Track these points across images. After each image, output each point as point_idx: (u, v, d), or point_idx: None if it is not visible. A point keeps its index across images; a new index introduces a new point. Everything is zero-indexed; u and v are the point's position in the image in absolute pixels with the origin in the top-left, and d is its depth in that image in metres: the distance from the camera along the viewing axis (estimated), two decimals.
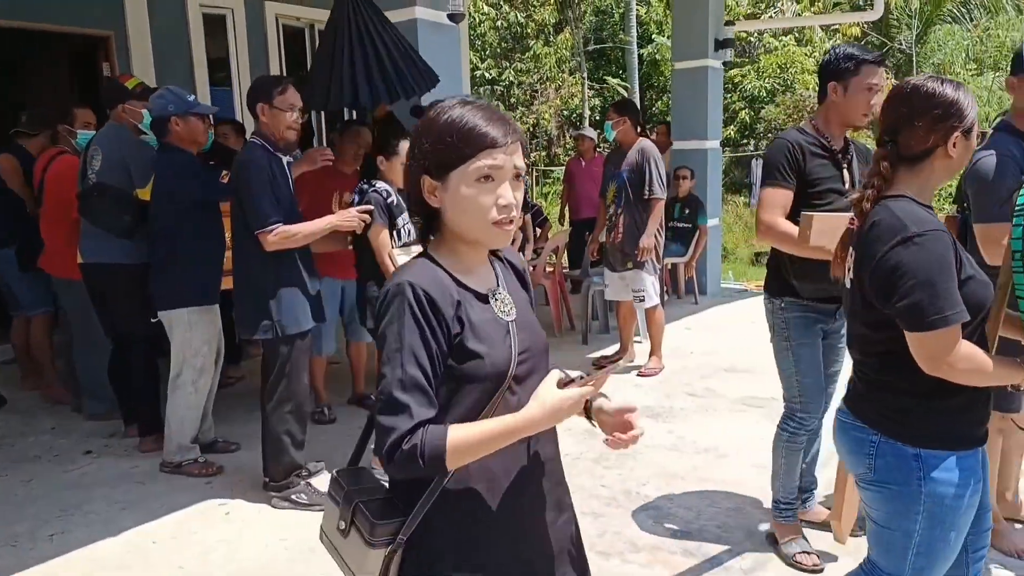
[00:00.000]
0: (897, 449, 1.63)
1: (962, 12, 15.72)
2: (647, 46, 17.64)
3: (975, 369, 1.54)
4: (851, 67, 2.48)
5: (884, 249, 1.55)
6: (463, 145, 1.20)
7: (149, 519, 3.13)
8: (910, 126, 1.62)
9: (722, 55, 7.23)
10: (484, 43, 18.05)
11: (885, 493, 1.66)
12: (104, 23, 6.06)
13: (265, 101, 3.11)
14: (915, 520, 1.62)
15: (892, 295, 1.54)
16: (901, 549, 1.66)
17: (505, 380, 1.26)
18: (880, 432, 1.66)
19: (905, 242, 1.52)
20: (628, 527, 3.02)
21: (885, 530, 1.69)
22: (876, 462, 1.66)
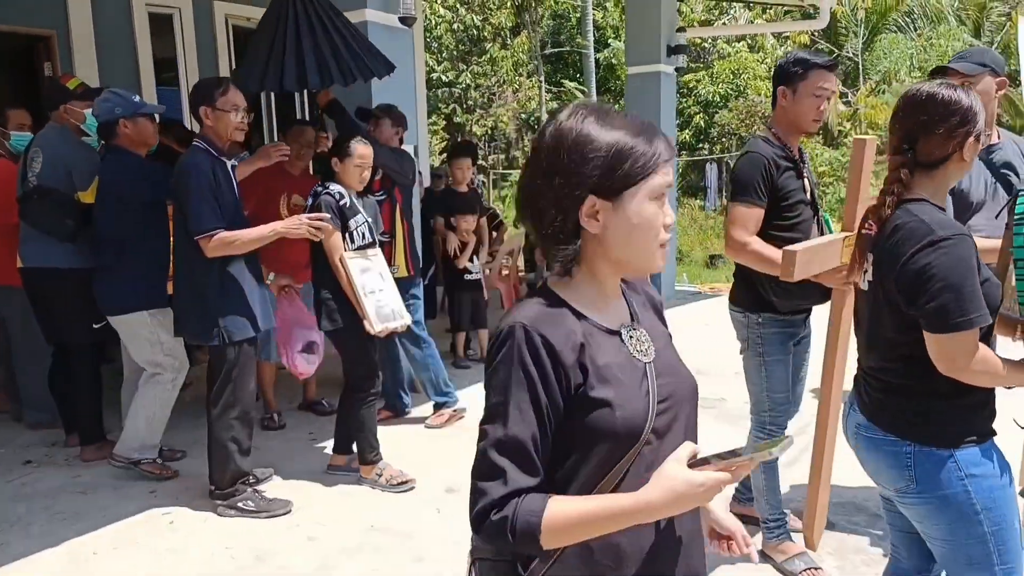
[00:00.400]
0: (933, 455, 1.63)
1: (906, 22, 16.24)
2: (604, 50, 17.83)
3: (989, 372, 1.57)
4: (799, 71, 2.47)
5: (910, 252, 1.57)
6: (642, 161, 1.06)
7: (91, 529, 3.06)
8: (930, 134, 1.63)
9: (674, 61, 7.34)
10: (441, 46, 18.03)
11: (935, 503, 1.64)
12: (45, 22, 5.90)
13: (208, 104, 3.05)
14: (980, 523, 1.61)
15: (919, 297, 1.55)
16: (982, 556, 1.64)
17: (641, 434, 1.07)
18: (913, 440, 1.65)
19: (933, 245, 1.54)
20: None
21: (954, 544, 1.66)
22: (916, 472, 1.64)
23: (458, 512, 3.19)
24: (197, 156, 3.05)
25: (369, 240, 3.43)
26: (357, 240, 3.37)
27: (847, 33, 15.79)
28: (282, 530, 3.06)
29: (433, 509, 3.23)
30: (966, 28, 16.46)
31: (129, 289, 3.36)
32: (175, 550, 2.91)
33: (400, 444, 3.93)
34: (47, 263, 3.62)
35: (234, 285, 3.10)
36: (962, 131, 1.63)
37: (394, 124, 4.07)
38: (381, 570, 2.76)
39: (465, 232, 5.31)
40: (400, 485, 3.40)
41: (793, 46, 15.21)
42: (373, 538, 2.99)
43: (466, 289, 5.29)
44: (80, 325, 3.62)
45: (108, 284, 3.39)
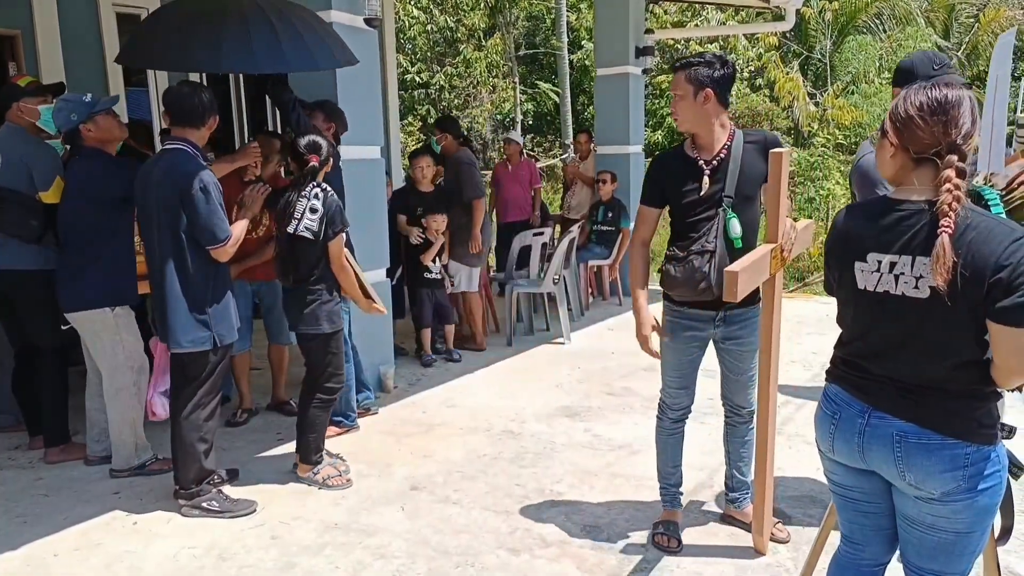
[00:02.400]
0: (983, 453, 1.65)
1: (875, 23, 16.47)
2: (577, 52, 17.90)
3: None
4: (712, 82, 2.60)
5: (1000, 249, 1.55)
6: None
7: (52, 532, 3.05)
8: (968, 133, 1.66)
9: (643, 62, 7.41)
10: (415, 47, 18.01)
11: (976, 499, 1.66)
12: (10, 21, 5.83)
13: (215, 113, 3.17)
14: (991, 516, 1.68)
15: (1014, 291, 1.54)
16: (978, 547, 1.70)
17: None
18: (975, 443, 1.66)
19: (1017, 241, 1.55)
20: (539, 524, 3.09)
21: (966, 535, 1.70)
22: (968, 471, 1.65)
23: (422, 510, 3.23)
24: (196, 165, 3.05)
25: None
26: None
27: (817, 35, 15.98)
28: (246, 530, 3.07)
29: (397, 507, 3.25)
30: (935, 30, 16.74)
31: (94, 286, 3.37)
32: (137, 551, 2.91)
33: (364, 442, 3.96)
34: (14, 265, 3.60)
35: (222, 290, 3.17)
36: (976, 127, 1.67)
37: (326, 120, 3.96)
38: (344, 568, 2.78)
39: (435, 232, 5.33)
40: (336, 486, 3.42)
41: (764, 47, 15.37)
42: (336, 536, 3.01)
43: (427, 286, 5.34)
44: (47, 328, 3.60)
45: (72, 282, 3.37)
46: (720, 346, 2.81)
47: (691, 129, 2.66)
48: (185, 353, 3.10)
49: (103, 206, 3.36)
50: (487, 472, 3.60)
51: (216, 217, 3.03)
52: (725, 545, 2.90)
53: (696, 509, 3.19)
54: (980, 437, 1.66)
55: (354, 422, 4.11)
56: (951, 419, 1.67)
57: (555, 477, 3.53)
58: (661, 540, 2.88)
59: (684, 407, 2.90)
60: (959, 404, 1.67)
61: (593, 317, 6.80)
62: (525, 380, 5.03)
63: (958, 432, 1.66)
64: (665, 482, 2.98)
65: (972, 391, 1.67)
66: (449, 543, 2.95)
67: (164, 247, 3.05)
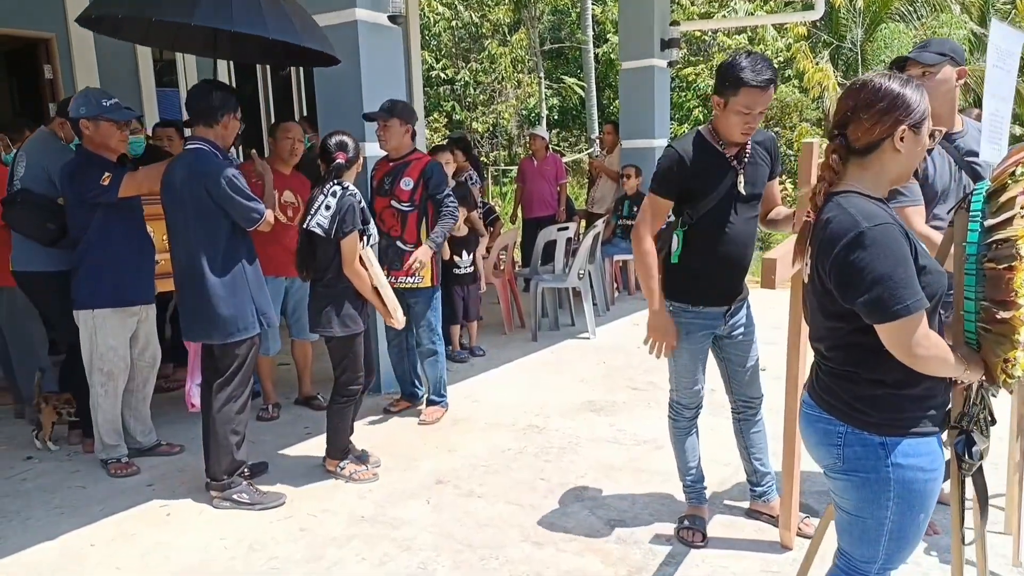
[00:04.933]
0: (863, 439, 1.68)
1: (909, 11, 16.15)
2: (603, 45, 17.81)
3: (942, 357, 1.60)
4: (731, 87, 2.47)
5: (839, 246, 1.59)
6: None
7: (88, 523, 3.13)
8: (857, 119, 1.66)
9: (668, 55, 7.37)
10: (440, 43, 18.05)
11: (855, 481, 1.71)
12: (45, 25, 5.98)
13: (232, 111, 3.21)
14: (886, 506, 1.68)
15: (853, 291, 1.59)
16: (874, 536, 1.72)
17: None
18: (847, 423, 1.70)
19: (858, 238, 1.57)
20: (563, 518, 3.10)
21: (857, 518, 1.74)
22: (845, 452, 1.71)
23: (446, 503, 3.26)
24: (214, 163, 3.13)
25: (375, 242, 3.52)
26: (369, 241, 3.41)
27: (848, 23, 15.71)
28: (275, 522, 3.13)
29: (423, 500, 3.29)
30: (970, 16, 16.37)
31: (77, 287, 3.43)
32: (170, 542, 2.98)
33: (391, 437, 4.00)
34: (31, 267, 3.71)
35: (257, 284, 3.27)
36: (889, 118, 1.63)
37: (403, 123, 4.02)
38: (370, 559, 2.82)
39: (458, 226, 5.35)
40: (363, 479, 3.47)
41: (793, 38, 15.14)
42: (363, 529, 3.05)
43: (457, 282, 5.35)
44: (67, 325, 3.63)
45: (72, 281, 3.46)
46: (725, 341, 2.82)
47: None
48: (217, 346, 3.17)
49: (82, 208, 3.37)
50: (511, 466, 3.62)
51: (249, 200, 3.15)
52: (751, 539, 2.89)
53: (721, 504, 3.18)
54: (854, 420, 1.70)
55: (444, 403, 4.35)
56: (825, 395, 1.76)
57: (579, 472, 3.54)
58: (686, 535, 2.88)
59: (699, 404, 2.92)
60: (834, 382, 1.74)
61: (618, 312, 6.79)
62: (549, 375, 5.04)
63: (830, 408, 1.75)
64: (688, 479, 2.97)
65: (846, 373, 1.72)
66: (474, 536, 2.97)
67: (192, 245, 3.12)
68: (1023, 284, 1.57)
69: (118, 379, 3.54)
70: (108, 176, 3.32)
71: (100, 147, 3.40)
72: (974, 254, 1.66)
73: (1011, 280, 1.58)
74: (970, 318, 1.69)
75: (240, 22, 3.13)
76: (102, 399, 3.53)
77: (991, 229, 1.63)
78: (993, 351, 1.65)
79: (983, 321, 1.66)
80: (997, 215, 1.63)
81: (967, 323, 1.70)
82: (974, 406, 1.77)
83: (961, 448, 1.77)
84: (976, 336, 1.69)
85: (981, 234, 1.65)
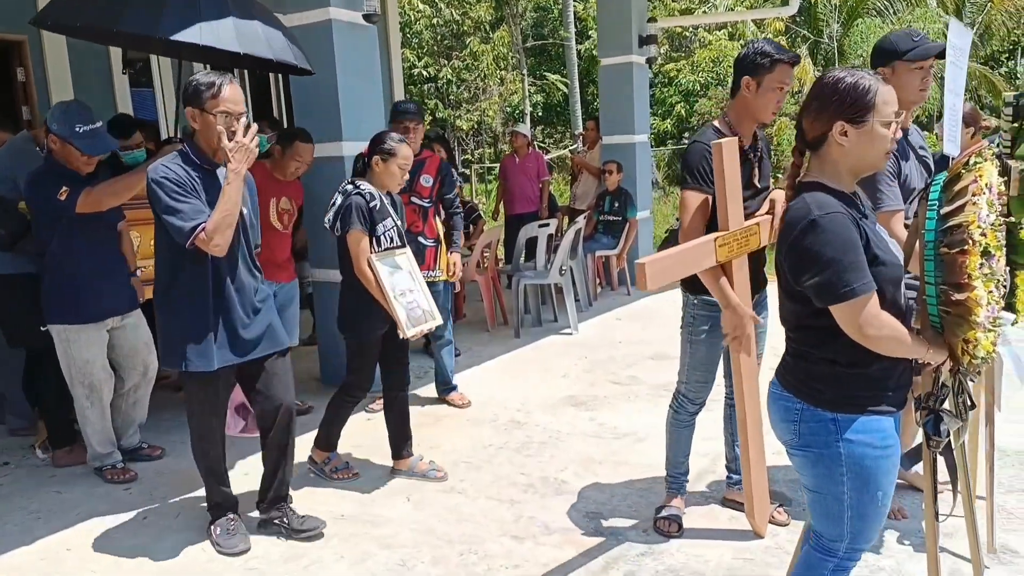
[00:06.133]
0: (817, 415, 1.76)
1: (885, 5, 16.30)
2: (585, 42, 17.86)
3: (895, 338, 1.66)
4: (766, 64, 2.52)
5: (793, 234, 1.68)
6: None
7: (65, 527, 3.11)
8: (806, 112, 1.75)
9: (646, 51, 7.40)
10: (421, 41, 18.02)
11: (810, 457, 1.79)
12: (17, 26, 5.90)
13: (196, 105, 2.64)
14: (841, 482, 1.75)
15: (804, 274, 1.67)
16: (837, 513, 1.79)
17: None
18: (803, 400, 1.78)
19: (810, 225, 1.65)
20: (543, 512, 3.12)
21: (818, 495, 1.82)
22: (800, 427, 1.79)
23: (428, 500, 3.26)
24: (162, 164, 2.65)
25: (397, 243, 3.35)
26: (384, 243, 3.29)
27: (826, 19, 15.84)
28: (253, 527, 3.11)
29: (404, 497, 3.29)
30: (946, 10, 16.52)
31: (44, 301, 3.35)
32: (147, 545, 2.96)
33: (373, 435, 4.00)
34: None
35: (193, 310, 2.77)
36: (824, 113, 1.71)
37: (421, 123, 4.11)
38: (349, 557, 2.82)
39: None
40: (344, 478, 3.46)
41: (772, 33, 15.24)
42: (343, 527, 3.05)
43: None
44: (30, 329, 3.57)
45: (42, 294, 3.36)
46: None
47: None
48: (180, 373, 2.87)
49: (44, 218, 3.26)
50: (492, 462, 3.63)
51: (173, 211, 2.57)
52: (725, 528, 2.92)
53: (698, 493, 3.21)
54: (809, 397, 1.78)
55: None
56: (786, 373, 1.85)
57: (560, 466, 3.56)
58: (663, 524, 2.90)
59: (703, 402, 2.92)
60: (793, 361, 1.83)
61: (601, 307, 6.81)
62: (532, 371, 5.06)
63: (788, 385, 1.83)
64: (675, 471, 3.00)
65: (803, 352, 1.80)
66: (454, 532, 2.98)
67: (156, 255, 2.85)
68: (976, 267, 1.63)
69: (102, 390, 3.46)
70: (66, 191, 3.17)
71: (65, 163, 3.26)
72: (932, 240, 1.73)
73: (964, 263, 1.64)
74: (932, 302, 1.76)
75: (207, 36, 3.08)
76: (88, 411, 3.47)
77: (946, 216, 1.69)
78: (953, 332, 1.71)
79: (943, 304, 1.72)
80: (952, 203, 1.68)
81: (930, 307, 1.77)
82: (943, 387, 1.81)
83: (931, 427, 1.83)
84: (939, 319, 1.75)
85: (937, 221, 1.71)
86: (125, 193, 3.29)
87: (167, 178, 2.59)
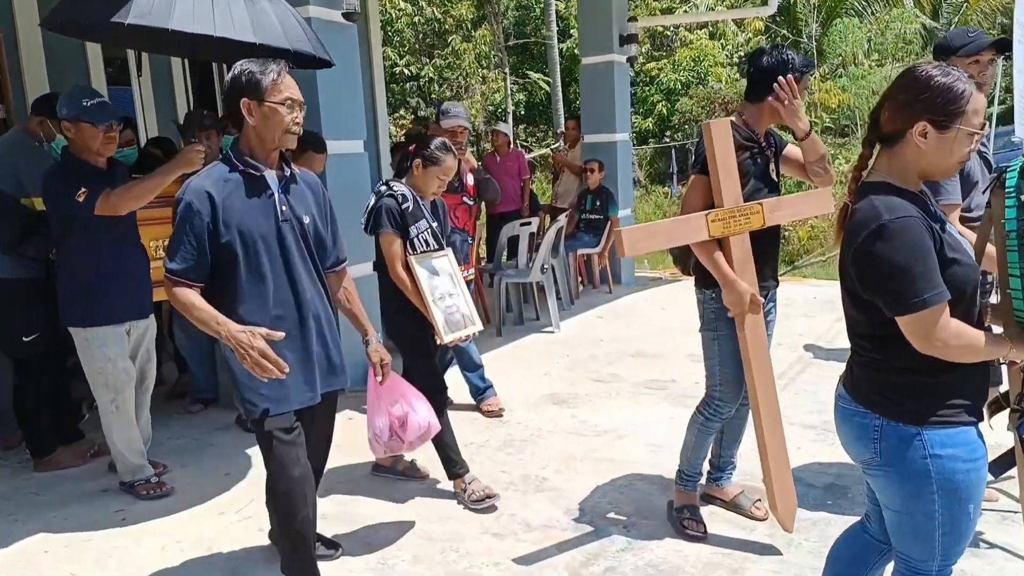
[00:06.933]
0: (899, 430, 1.64)
1: (863, 5, 16.46)
2: (567, 40, 17.88)
3: (967, 345, 1.58)
4: (797, 77, 2.56)
5: (860, 239, 1.59)
6: None
7: (42, 529, 3.08)
8: (886, 104, 1.64)
9: (627, 50, 7.42)
10: (403, 39, 17.97)
11: (894, 476, 1.67)
12: None
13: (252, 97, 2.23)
14: (932, 500, 1.63)
15: (872, 282, 1.58)
16: (927, 532, 1.67)
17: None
18: (881, 415, 1.66)
19: (878, 231, 1.55)
20: (524, 509, 3.13)
21: (905, 516, 1.69)
22: (881, 445, 1.67)
23: (409, 498, 3.26)
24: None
25: (434, 246, 3.20)
26: (419, 247, 3.15)
27: (805, 19, 15.98)
28: (234, 522, 3.11)
29: (385, 496, 3.29)
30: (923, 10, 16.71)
31: (63, 303, 3.24)
32: (126, 546, 2.94)
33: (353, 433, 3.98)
34: None
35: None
36: (909, 110, 1.60)
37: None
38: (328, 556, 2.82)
39: None
40: (481, 501, 3.13)
41: (752, 33, 15.37)
42: (323, 527, 3.01)
43: None
44: (11, 338, 3.50)
45: (59, 296, 3.26)
46: None
47: None
48: None
49: (60, 219, 3.16)
50: (474, 460, 3.63)
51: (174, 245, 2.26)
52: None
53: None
54: (889, 411, 1.66)
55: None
56: (859, 386, 1.73)
57: (541, 463, 3.57)
58: (690, 525, 2.82)
59: (738, 400, 2.81)
60: (866, 373, 1.72)
61: (583, 305, 6.84)
62: (514, 369, 5.07)
63: (862, 399, 1.71)
64: (693, 471, 2.90)
65: (876, 362, 1.69)
66: (435, 530, 2.99)
67: None
68: None
69: (125, 392, 3.30)
70: (84, 192, 3.04)
71: (83, 151, 3.15)
72: (1014, 230, 1.61)
73: None
74: (1018, 295, 1.64)
75: (221, 27, 2.91)
76: (113, 417, 3.30)
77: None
78: None
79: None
80: None
81: (1015, 301, 1.65)
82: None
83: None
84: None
85: (1019, 209, 1.60)
86: (145, 197, 3.14)
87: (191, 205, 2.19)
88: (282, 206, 2.29)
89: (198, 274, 2.23)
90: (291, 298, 2.31)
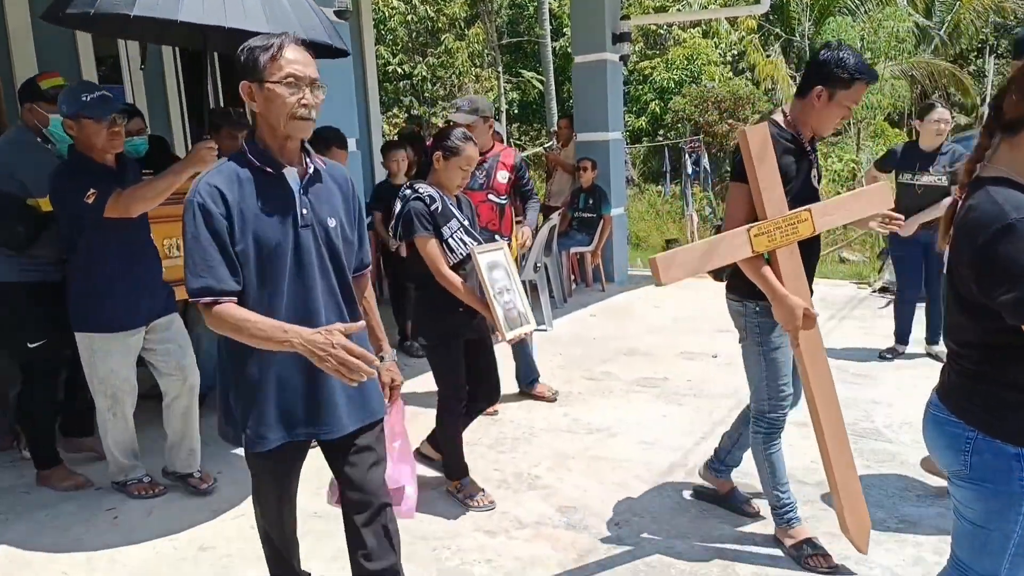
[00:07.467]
0: (995, 447, 1.55)
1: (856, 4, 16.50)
2: (560, 39, 17.89)
3: None
4: (845, 79, 2.39)
5: (983, 238, 1.45)
6: None
7: (33, 528, 3.08)
8: (1011, 91, 1.51)
9: (619, 49, 7.44)
10: (396, 38, 17.95)
11: (982, 491, 1.58)
12: None
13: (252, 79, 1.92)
14: (1016, 521, 1.56)
15: (995, 286, 1.44)
16: (999, 550, 1.60)
17: None
18: (978, 429, 1.57)
19: (1006, 229, 1.42)
20: (516, 507, 3.14)
21: (981, 530, 1.61)
22: (972, 459, 1.58)
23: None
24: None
25: (471, 244, 3.06)
26: (456, 247, 3.02)
27: (798, 17, 16.02)
28: (226, 521, 3.11)
29: None
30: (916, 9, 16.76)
31: (73, 308, 3.16)
32: (117, 545, 2.94)
33: None
34: None
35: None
36: None
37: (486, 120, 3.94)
38: (321, 556, 2.82)
39: None
40: (480, 506, 3.14)
41: (745, 30, 15.39)
42: (316, 525, 3.05)
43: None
44: (15, 344, 3.43)
45: (67, 299, 3.17)
46: None
47: None
48: None
49: (68, 221, 3.06)
50: (466, 457, 3.62)
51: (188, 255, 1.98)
52: (696, 520, 2.96)
53: (668, 486, 3.25)
54: (987, 426, 1.56)
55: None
56: (952, 393, 1.63)
57: (533, 461, 3.58)
58: (817, 562, 2.57)
59: (788, 406, 2.67)
60: (966, 383, 1.61)
61: (575, 304, 6.85)
62: (506, 367, 5.06)
63: (956, 409, 1.61)
64: (782, 501, 2.69)
65: (981, 374, 1.58)
66: (427, 528, 2.99)
67: None
68: None
69: (125, 402, 3.25)
70: (93, 194, 2.93)
71: (89, 148, 3.04)
72: None
73: None
74: None
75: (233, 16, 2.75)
76: (110, 423, 3.26)
77: None
78: None
79: None
80: None
81: None
82: None
83: None
84: None
85: None
86: (157, 198, 3.02)
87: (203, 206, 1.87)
88: (303, 209, 1.95)
89: (235, 281, 1.88)
90: (305, 315, 1.95)
